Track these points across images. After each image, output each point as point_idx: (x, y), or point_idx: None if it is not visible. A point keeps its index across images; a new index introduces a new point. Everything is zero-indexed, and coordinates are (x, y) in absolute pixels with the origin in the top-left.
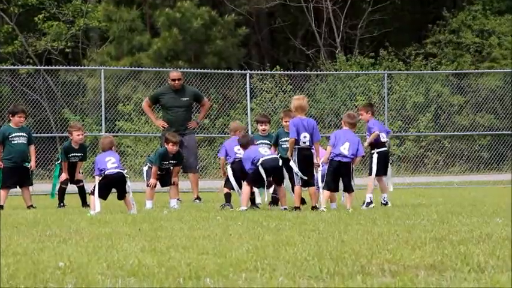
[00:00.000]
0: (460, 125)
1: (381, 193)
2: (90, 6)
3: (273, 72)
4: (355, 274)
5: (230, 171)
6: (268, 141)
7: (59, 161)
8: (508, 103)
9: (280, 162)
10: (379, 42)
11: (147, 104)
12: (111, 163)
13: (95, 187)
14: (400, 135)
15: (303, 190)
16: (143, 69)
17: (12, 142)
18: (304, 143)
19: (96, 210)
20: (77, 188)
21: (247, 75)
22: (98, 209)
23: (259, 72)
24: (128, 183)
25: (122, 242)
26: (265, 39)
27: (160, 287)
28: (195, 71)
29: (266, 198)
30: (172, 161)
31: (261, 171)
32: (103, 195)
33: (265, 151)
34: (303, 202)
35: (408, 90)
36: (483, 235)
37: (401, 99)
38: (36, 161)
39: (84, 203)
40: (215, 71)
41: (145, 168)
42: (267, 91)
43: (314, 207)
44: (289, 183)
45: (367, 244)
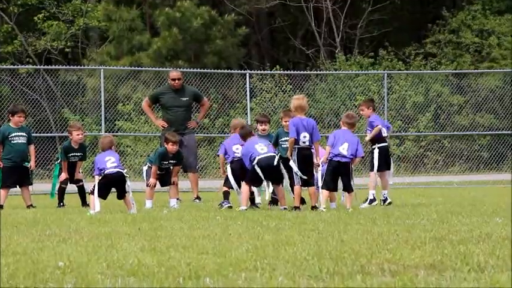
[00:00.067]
0: (460, 124)
1: (382, 190)
2: (90, 5)
3: (272, 72)
4: (354, 274)
5: (229, 170)
6: (268, 141)
7: (59, 161)
8: (508, 103)
9: (276, 161)
10: (379, 42)
11: (146, 103)
12: (110, 162)
13: (94, 187)
14: (400, 135)
15: (303, 190)
16: (143, 68)
17: (12, 142)
18: (304, 142)
19: (95, 209)
20: (77, 187)
21: (247, 75)
22: (98, 209)
23: (259, 72)
24: (128, 183)
25: (122, 241)
26: (265, 39)
27: (160, 286)
28: (195, 70)
29: (267, 197)
30: (172, 161)
31: (257, 170)
32: (103, 194)
33: (261, 149)
34: (302, 202)
35: (408, 90)
36: (483, 235)
37: (401, 99)
38: (35, 161)
39: (84, 203)
40: (215, 70)
41: (145, 168)
42: (266, 91)
43: (314, 207)
44: (287, 182)
45: (367, 244)
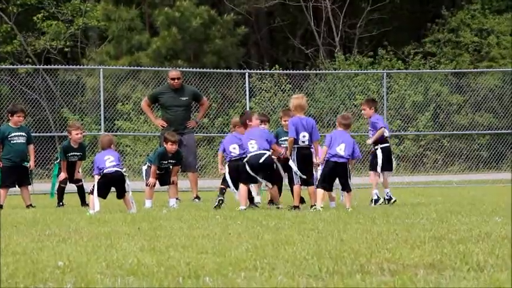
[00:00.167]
0: (459, 124)
1: (384, 188)
2: (89, 5)
3: (272, 71)
4: (354, 273)
5: (227, 170)
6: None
7: (58, 160)
8: (507, 102)
9: (263, 158)
10: (378, 41)
11: (146, 103)
12: (109, 162)
13: (94, 186)
14: (399, 135)
15: (302, 189)
16: (142, 68)
17: (12, 141)
18: (303, 142)
19: (95, 209)
20: (76, 187)
21: (246, 74)
22: (97, 208)
23: (258, 71)
24: (127, 182)
25: (121, 241)
26: (264, 38)
27: (160, 286)
28: (194, 70)
29: (269, 197)
30: (171, 161)
31: (247, 168)
32: (102, 194)
33: (252, 146)
34: (302, 201)
35: (407, 89)
36: (482, 234)
37: (400, 98)
38: (35, 161)
39: (83, 202)
40: (214, 70)
41: (144, 168)
42: (266, 90)
43: (313, 206)
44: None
45: (367, 243)
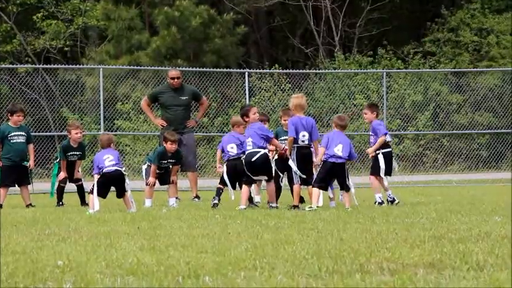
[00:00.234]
0: (459, 123)
1: (385, 191)
2: (89, 4)
3: (271, 70)
4: (354, 272)
5: (225, 169)
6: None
7: (58, 160)
8: (507, 102)
9: (256, 157)
10: (378, 40)
11: (145, 102)
12: (108, 161)
13: (93, 186)
14: (399, 134)
15: (302, 189)
16: (142, 68)
17: (11, 141)
18: (303, 141)
19: (95, 208)
20: (76, 186)
21: (246, 73)
22: (97, 208)
23: (258, 71)
24: (127, 181)
25: (121, 240)
26: (264, 37)
27: (159, 285)
28: (194, 69)
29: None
30: (171, 160)
31: (246, 168)
32: (102, 193)
33: (249, 145)
34: (301, 201)
35: (407, 88)
36: (482, 233)
37: (400, 97)
38: (35, 160)
39: (83, 202)
40: (214, 69)
41: (144, 167)
42: (265, 90)
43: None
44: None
45: (366, 242)
